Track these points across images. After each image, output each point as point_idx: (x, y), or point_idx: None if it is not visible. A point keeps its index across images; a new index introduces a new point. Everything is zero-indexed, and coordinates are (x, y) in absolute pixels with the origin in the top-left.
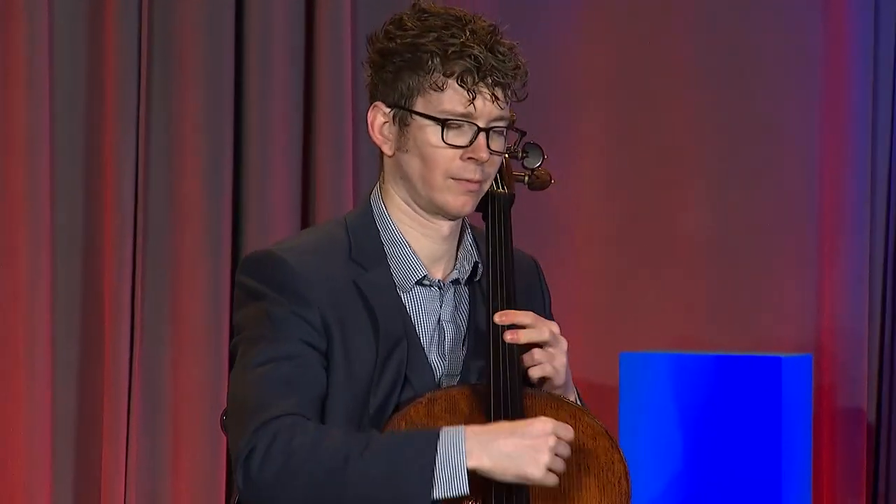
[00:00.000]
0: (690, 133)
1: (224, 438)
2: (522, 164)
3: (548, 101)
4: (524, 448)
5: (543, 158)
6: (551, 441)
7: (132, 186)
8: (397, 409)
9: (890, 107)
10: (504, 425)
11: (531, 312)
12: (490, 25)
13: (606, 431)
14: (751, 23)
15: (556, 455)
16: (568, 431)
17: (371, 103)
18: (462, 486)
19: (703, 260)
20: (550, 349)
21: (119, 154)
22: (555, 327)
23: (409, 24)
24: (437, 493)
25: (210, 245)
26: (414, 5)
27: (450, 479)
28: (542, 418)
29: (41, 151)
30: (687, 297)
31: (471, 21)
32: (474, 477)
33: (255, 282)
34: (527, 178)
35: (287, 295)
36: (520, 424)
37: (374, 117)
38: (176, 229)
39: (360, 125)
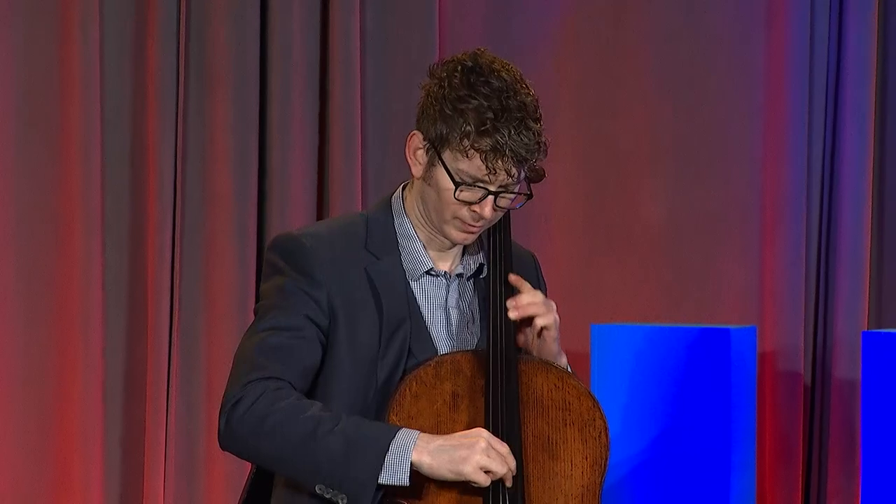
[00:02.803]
0: (649, 134)
1: None
2: None
3: None
4: (458, 448)
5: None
6: (482, 444)
7: (171, 180)
8: (406, 372)
9: (823, 113)
10: (452, 435)
11: (537, 299)
12: (524, 104)
13: (589, 392)
14: (701, 39)
15: (489, 458)
16: (503, 447)
17: (417, 124)
18: (404, 477)
19: (662, 244)
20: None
21: (160, 153)
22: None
23: (460, 79)
24: (383, 479)
25: (238, 230)
26: (475, 55)
27: (395, 468)
28: (480, 430)
29: (93, 151)
30: (648, 276)
31: (512, 95)
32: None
33: (277, 259)
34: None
35: (301, 274)
36: (462, 433)
37: (412, 142)
38: (209, 216)
39: (368, 127)
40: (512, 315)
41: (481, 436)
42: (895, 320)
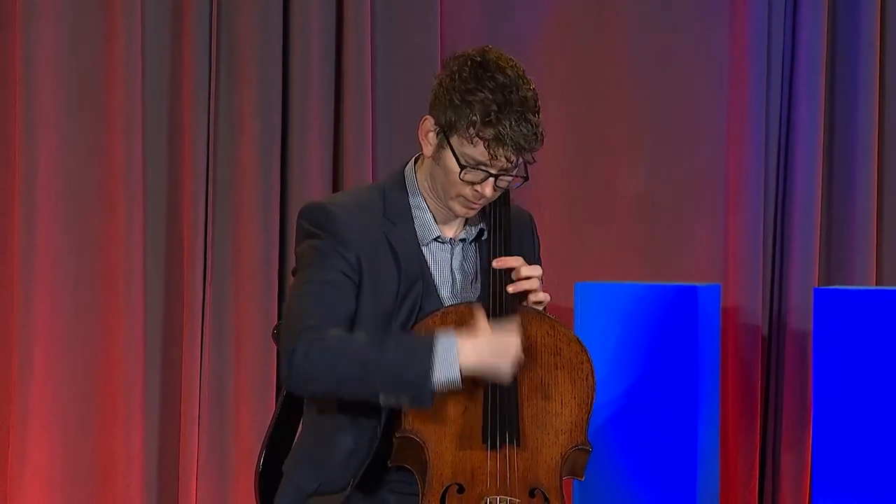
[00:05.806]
0: (627, 115)
1: (275, 347)
2: None
3: None
4: (502, 357)
5: None
6: (520, 353)
7: (204, 156)
8: (415, 322)
9: (779, 96)
10: (486, 333)
11: (519, 257)
12: (525, 98)
13: (578, 339)
14: (672, 30)
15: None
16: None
17: (430, 109)
18: (455, 375)
19: (639, 212)
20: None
21: (194, 132)
22: (537, 270)
23: (469, 73)
24: (436, 378)
25: (263, 200)
26: (483, 50)
27: (446, 367)
28: (514, 333)
29: (135, 131)
30: (626, 240)
31: (515, 89)
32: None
33: (310, 225)
34: None
35: (333, 237)
36: (499, 334)
37: (425, 125)
38: (237, 188)
39: (378, 112)
40: (510, 289)
41: (518, 346)
42: (843, 278)
